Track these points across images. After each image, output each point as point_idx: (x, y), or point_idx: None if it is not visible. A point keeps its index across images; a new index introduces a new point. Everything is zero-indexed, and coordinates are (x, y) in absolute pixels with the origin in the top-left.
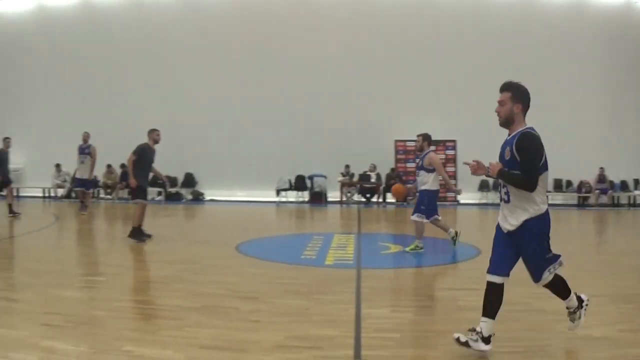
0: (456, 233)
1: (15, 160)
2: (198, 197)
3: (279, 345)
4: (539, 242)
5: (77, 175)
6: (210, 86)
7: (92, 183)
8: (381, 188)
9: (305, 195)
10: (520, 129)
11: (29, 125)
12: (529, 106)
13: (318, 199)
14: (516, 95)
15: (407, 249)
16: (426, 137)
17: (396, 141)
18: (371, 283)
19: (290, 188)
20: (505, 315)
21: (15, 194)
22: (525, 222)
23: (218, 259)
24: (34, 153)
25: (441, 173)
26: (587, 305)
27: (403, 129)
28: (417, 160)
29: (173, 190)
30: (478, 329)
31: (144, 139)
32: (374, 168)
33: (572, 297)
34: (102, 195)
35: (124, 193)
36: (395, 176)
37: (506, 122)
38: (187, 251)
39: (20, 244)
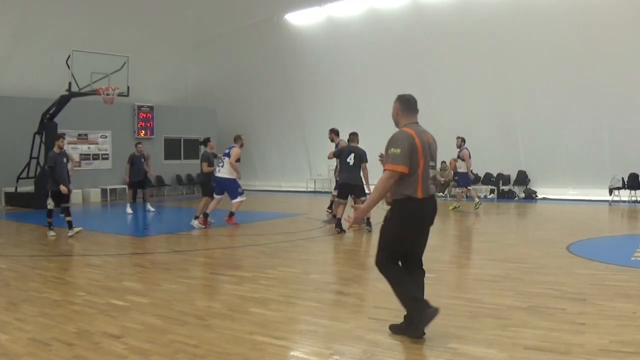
0: None
1: None
2: (530, 196)
3: (602, 349)
4: None
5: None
6: (544, 83)
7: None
8: None
9: (638, 195)
10: None
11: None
12: None
13: None
14: None
15: None
16: None
17: None
18: None
19: (624, 187)
20: None
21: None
22: None
23: (548, 258)
24: None
25: None
26: None
27: None
28: None
29: (505, 188)
30: None
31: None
32: None
33: None
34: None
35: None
36: None
37: None
38: (518, 250)
39: (352, 239)
